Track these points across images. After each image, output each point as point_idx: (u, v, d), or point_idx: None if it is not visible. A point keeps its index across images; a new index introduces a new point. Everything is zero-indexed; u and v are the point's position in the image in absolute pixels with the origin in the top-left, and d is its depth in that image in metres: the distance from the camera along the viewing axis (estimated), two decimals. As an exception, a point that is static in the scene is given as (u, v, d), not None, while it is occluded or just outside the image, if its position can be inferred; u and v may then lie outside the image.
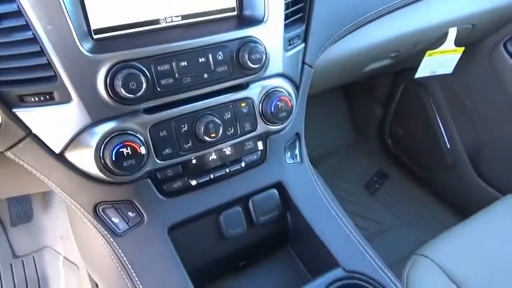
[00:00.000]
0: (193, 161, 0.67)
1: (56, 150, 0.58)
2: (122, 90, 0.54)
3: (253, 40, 0.63)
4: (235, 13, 0.67)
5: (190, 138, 0.64)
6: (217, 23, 0.65)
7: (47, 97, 0.55)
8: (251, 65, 0.63)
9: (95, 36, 0.57)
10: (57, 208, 1.26)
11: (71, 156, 0.59)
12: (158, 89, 0.58)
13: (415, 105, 1.68)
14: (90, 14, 0.56)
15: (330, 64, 0.94)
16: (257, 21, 0.65)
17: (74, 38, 0.53)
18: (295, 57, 0.74)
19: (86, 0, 0.55)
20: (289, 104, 0.69)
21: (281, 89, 0.69)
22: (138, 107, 0.59)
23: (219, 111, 0.65)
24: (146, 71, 0.56)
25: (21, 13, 0.51)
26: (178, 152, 0.64)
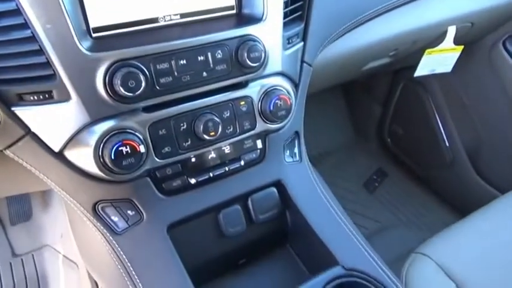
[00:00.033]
0: (193, 159, 0.67)
1: (55, 148, 0.58)
2: (121, 89, 0.54)
3: (252, 38, 0.63)
4: (234, 11, 0.67)
5: (190, 137, 0.64)
6: (216, 21, 0.65)
7: (46, 96, 0.55)
8: (250, 63, 0.63)
9: (93, 34, 0.57)
10: (57, 207, 1.26)
11: (70, 154, 0.59)
12: (157, 87, 0.58)
13: (414, 104, 1.68)
14: (89, 13, 0.56)
15: (329, 63, 0.94)
16: (256, 20, 0.65)
17: (73, 36, 0.52)
18: (294, 56, 0.74)
19: (84, -2, 0.55)
20: (288, 103, 0.69)
21: (280, 87, 0.69)
22: (137, 106, 0.59)
23: (218, 110, 0.65)
24: (145, 70, 0.56)
25: (19, 11, 0.51)
26: (178, 151, 0.64)
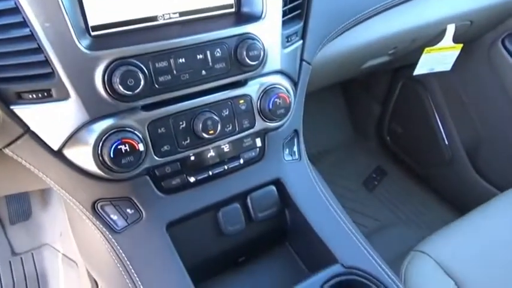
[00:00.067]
0: (192, 157, 0.67)
1: (54, 147, 0.58)
2: (120, 87, 0.54)
3: (251, 37, 0.63)
4: (233, 10, 0.67)
5: (189, 135, 0.64)
6: (215, 19, 0.65)
7: (45, 94, 0.55)
8: (249, 61, 0.63)
9: (92, 33, 0.57)
10: (56, 205, 1.26)
11: (69, 153, 0.59)
12: (156, 85, 0.58)
13: (414, 103, 1.68)
14: (88, 11, 0.56)
15: (328, 61, 0.94)
16: (255, 18, 0.65)
17: (72, 35, 0.52)
18: (293, 54, 0.74)
19: (83, -3, 0.55)
20: (287, 101, 0.69)
21: (279, 85, 0.69)
22: (136, 104, 0.59)
23: (217, 108, 0.65)
24: (144, 68, 0.56)
25: (18, 10, 0.50)
26: (177, 149, 0.64)
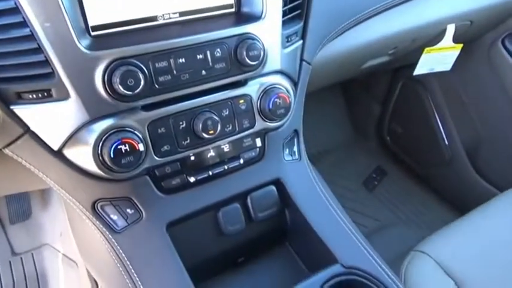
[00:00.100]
0: (192, 157, 0.67)
1: (54, 147, 0.58)
2: (120, 87, 0.54)
3: (251, 37, 0.63)
4: (233, 10, 0.67)
5: (189, 135, 0.64)
6: (215, 19, 0.65)
7: (45, 94, 0.55)
8: (249, 61, 0.63)
9: (92, 33, 0.57)
10: (56, 205, 1.26)
11: (69, 153, 0.59)
12: (156, 86, 0.58)
13: (414, 103, 1.68)
14: (88, 11, 0.56)
15: (328, 61, 0.94)
16: (255, 18, 0.65)
17: (72, 35, 0.52)
18: (293, 54, 0.74)
19: (83, -3, 0.55)
20: (287, 101, 0.69)
21: (279, 85, 0.69)
22: (136, 104, 0.59)
23: (217, 108, 0.65)
24: (144, 68, 0.56)
25: (18, 10, 0.50)
26: (177, 149, 0.64)
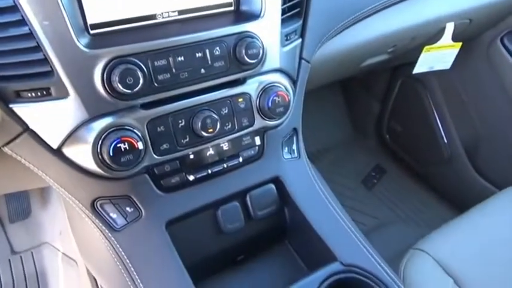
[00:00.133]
0: (191, 156, 0.67)
1: (54, 145, 0.58)
2: (119, 86, 0.54)
3: (250, 35, 0.63)
4: (232, 8, 0.67)
5: (188, 134, 0.64)
6: (214, 18, 0.65)
7: (44, 92, 0.55)
8: (248, 60, 0.63)
9: (91, 31, 0.57)
10: (55, 204, 1.26)
11: (69, 151, 0.59)
12: (155, 84, 0.58)
13: (413, 101, 1.68)
14: (87, 9, 0.55)
15: (327, 59, 0.94)
16: (254, 16, 0.65)
17: (71, 33, 0.52)
18: (293, 53, 0.74)
19: (82, -5, 0.55)
20: (287, 99, 0.69)
21: (278, 84, 0.69)
22: (135, 103, 0.59)
23: (217, 107, 0.65)
24: (143, 66, 0.56)
25: (17, 8, 0.50)
26: (176, 147, 0.64)
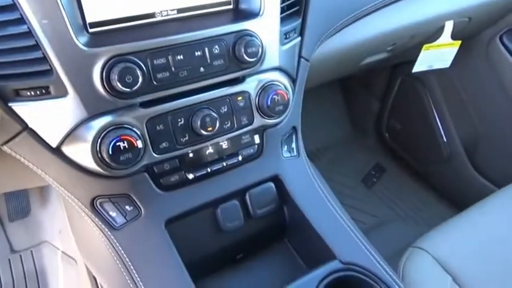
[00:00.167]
0: (190, 154, 0.67)
1: (53, 144, 0.58)
2: (118, 84, 0.54)
3: (249, 34, 0.63)
4: (231, 6, 0.67)
5: (187, 132, 0.64)
6: (213, 16, 0.65)
7: (43, 91, 0.55)
8: (247, 58, 0.63)
9: (90, 30, 0.57)
10: (55, 203, 1.26)
11: (68, 150, 0.59)
12: (154, 82, 0.58)
13: (412, 99, 1.68)
14: (86, 8, 0.55)
15: (327, 58, 0.94)
16: (253, 15, 0.65)
17: (70, 31, 0.52)
18: (292, 51, 0.74)
19: (81, -7, 0.55)
20: (286, 98, 0.69)
21: (277, 82, 0.69)
22: (135, 101, 0.59)
23: (216, 105, 0.65)
24: (142, 65, 0.56)
25: (16, 7, 0.50)
26: (175, 146, 0.64)
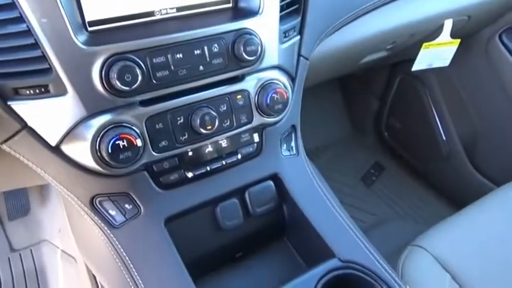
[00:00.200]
0: (190, 153, 0.67)
1: (52, 143, 0.58)
2: (117, 83, 0.54)
3: (248, 32, 0.63)
4: (230, 5, 0.66)
5: (186, 131, 0.64)
6: (213, 15, 0.65)
7: (42, 90, 0.55)
8: (247, 57, 0.63)
9: (89, 28, 0.57)
10: (54, 201, 1.26)
11: (67, 149, 0.59)
12: (154, 81, 0.58)
13: (412, 98, 1.68)
14: (85, 6, 0.55)
15: (326, 56, 0.94)
16: (252, 13, 0.65)
17: (69, 30, 0.52)
18: (291, 50, 0.74)
19: (80, -8, 0.55)
20: (285, 96, 0.69)
21: (277, 81, 0.69)
22: (134, 100, 0.59)
23: (215, 104, 0.65)
24: (141, 63, 0.56)
25: (15, 5, 0.50)
26: (175, 144, 0.64)
